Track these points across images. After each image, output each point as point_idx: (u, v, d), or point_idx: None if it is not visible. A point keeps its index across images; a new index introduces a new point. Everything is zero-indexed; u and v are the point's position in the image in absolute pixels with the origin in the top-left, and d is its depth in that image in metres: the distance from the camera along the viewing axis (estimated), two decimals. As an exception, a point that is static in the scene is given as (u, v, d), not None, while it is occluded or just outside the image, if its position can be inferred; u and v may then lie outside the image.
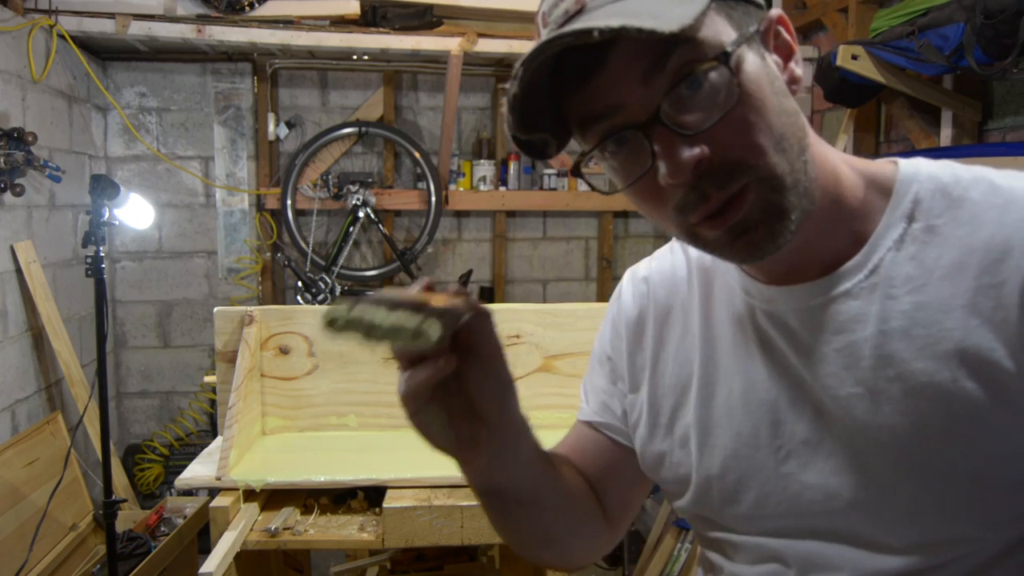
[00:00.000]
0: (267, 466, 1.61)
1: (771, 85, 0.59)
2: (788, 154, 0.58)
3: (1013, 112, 2.31)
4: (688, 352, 0.75)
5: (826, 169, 0.63)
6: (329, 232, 3.76)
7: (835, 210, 0.64)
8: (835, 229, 0.65)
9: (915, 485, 0.61)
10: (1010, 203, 0.60)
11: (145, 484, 3.45)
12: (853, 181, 0.65)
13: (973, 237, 0.60)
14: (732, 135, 0.57)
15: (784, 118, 0.59)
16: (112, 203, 2.23)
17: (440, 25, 3.32)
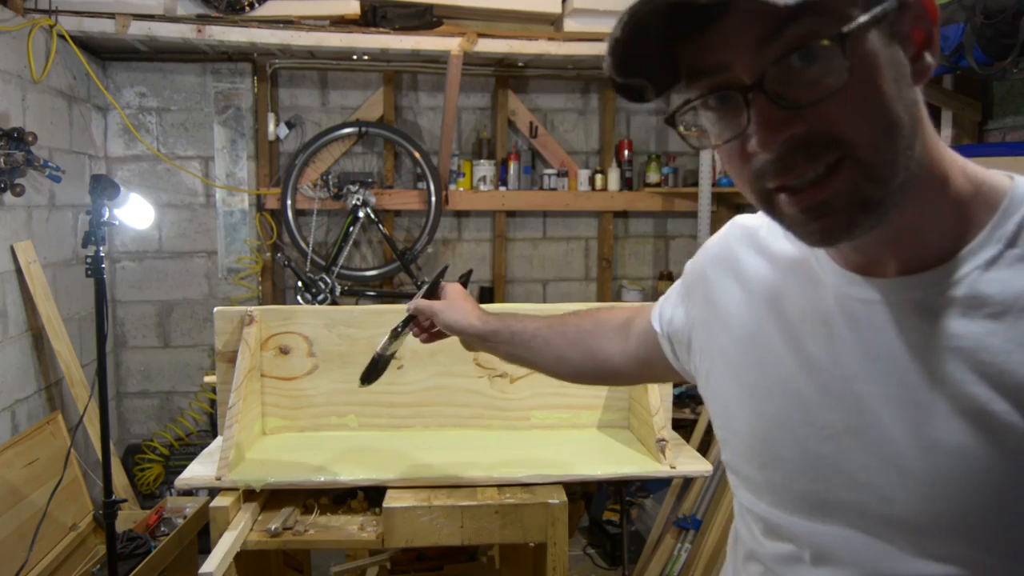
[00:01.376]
0: (267, 466, 1.61)
1: (892, 70, 0.56)
2: (894, 144, 0.56)
3: (1013, 112, 2.32)
4: (758, 310, 0.76)
5: (935, 169, 0.61)
6: (329, 232, 3.76)
7: (933, 212, 0.61)
8: (929, 232, 0.62)
9: (947, 503, 0.61)
10: None
11: (145, 484, 3.45)
12: (962, 188, 0.62)
13: None
14: (835, 115, 0.55)
15: (899, 107, 0.56)
16: (112, 203, 2.23)
17: (440, 25, 3.32)
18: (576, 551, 3.39)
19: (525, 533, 1.52)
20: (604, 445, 1.80)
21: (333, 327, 1.83)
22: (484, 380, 1.86)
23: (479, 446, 1.76)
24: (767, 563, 0.75)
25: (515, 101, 3.84)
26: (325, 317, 1.83)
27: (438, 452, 1.72)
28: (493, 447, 1.75)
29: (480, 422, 1.87)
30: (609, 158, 3.94)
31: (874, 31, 0.55)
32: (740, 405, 0.77)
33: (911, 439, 0.62)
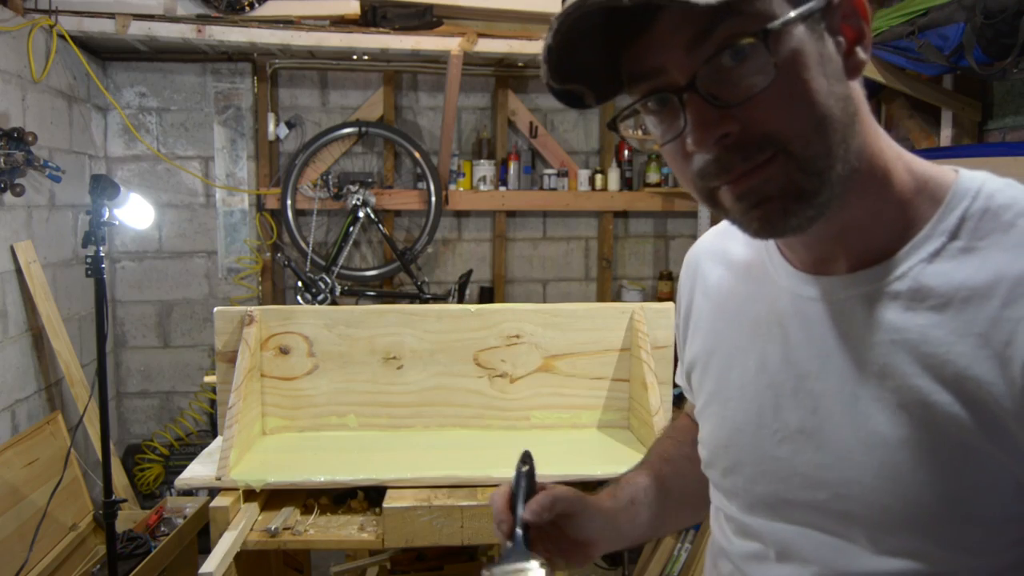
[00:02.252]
0: (267, 466, 1.61)
1: (821, 66, 0.57)
2: (826, 138, 0.57)
3: (1013, 112, 2.31)
4: (720, 320, 0.78)
5: (876, 165, 0.62)
6: (329, 232, 3.76)
7: (877, 208, 0.63)
8: (874, 227, 0.63)
9: (894, 497, 0.62)
10: None
11: (145, 484, 3.45)
12: (904, 182, 0.63)
13: (1010, 267, 0.58)
14: (767, 112, 0.56)
15: (831, 101, 0.57)
16: (112, 203, 2.23)
17: (440, 25, 3.32)
18: (576, 551, 3.39)
19: (525, 533, 1.52)
20: (604, 445, 1.79)
21: (333, 327, 1.83)
22: (484, 380, 1.86)
23: (479, 446, 1.76)
24: (736, 561, 0.76)
25: (515, 101, 3.84)
26: (325, 317, 1.83)
27: (438, 452, 1.72)
28: (493, 447, 1.75)
29: (480, 422, 1.86)
30: (609, 158, 3.94)
31: (801, 28, 0.56)
32: (705, 414, 0.78)
33: (860, 434, 0.63)
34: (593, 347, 1.87)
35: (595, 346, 1.87)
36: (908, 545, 0.62)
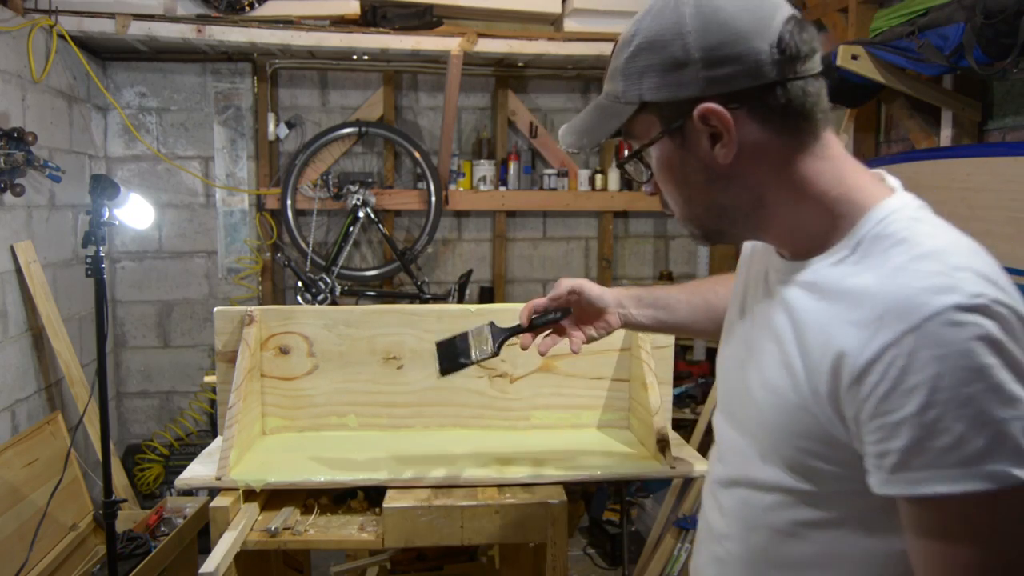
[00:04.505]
0: (267, 466, 1.61)
1: (686, 165, 0.84)
2: (688, 211, 0.89)
3: (1013, 112, 2.31)
4: (741, 274, 1.04)
5: (807, 196, 0.83)
6: (329, 232, 3.76)
7: (802, 225, 0.84)
8: (800, 237, 0.85)
9: (767, 429, 0.86)
10: (891, 280, 0.74)
11: (145, 484, 3.45)
12: (833, 207, 0.82)
13: (868, 285, 0.76)
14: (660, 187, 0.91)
15: (683, 189, 0.86)
16: (112, 203, 2.23)
17: (440, 25, 3.32)
18: (576, 551, 3.39)
19: (525, 533, 1.52)
20: (604, 445, 1.79)
21: (333, 327, 1.83)
22: (484, 380, 1.86)
23: (479, 446, 1.76)
24: (708, 475, 1.04)
25: (515, 101, 3.84)
26: (325, 317, 1.83)
27: (438, 452, 1.72)
28: (493, 447, 1.75)
29: (480, 422, 1.86)
30: (609, 158, 3.94)
31: (665, 141, 0.84)
32: (721, 342, 1.05)
33: (760, 376, 0.87)
34: (593, 347, 1.87)
35: (595, 346, 1.87)
36: (777, 466, 0.85)
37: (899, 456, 0.71)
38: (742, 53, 0.77)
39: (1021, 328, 0.71)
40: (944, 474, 0.69)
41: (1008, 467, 0.68)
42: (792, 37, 0.78)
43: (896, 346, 0.70)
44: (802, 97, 0.79)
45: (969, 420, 0.68)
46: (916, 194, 0.85)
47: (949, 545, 0.72)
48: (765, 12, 0.78)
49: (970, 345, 0.68)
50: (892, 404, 0.71)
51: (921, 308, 0.70)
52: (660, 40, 0.80)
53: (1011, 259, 1.96)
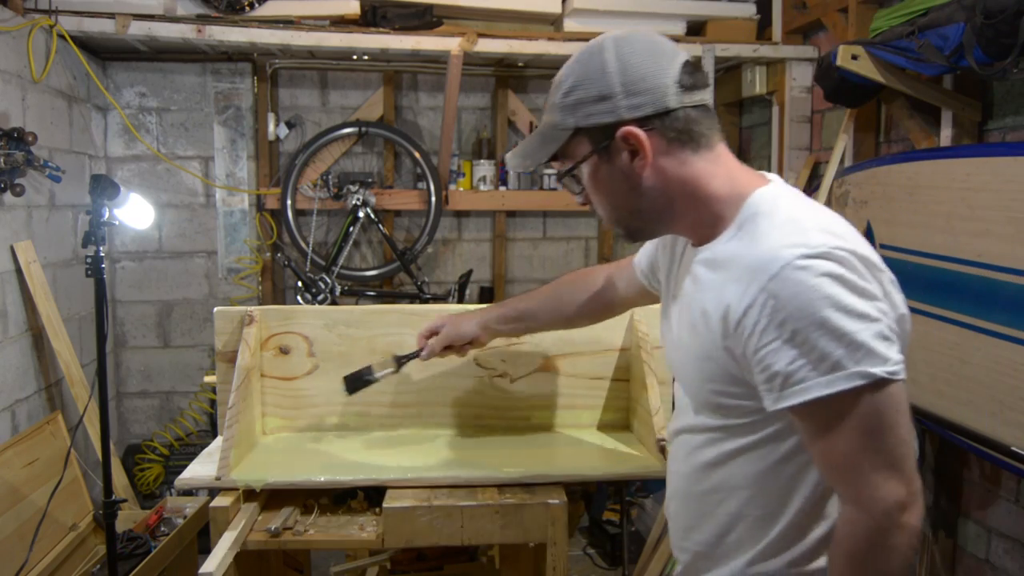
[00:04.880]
0: (267, 466, 1.61)
1: (612, 178, 1.06)
2: (616, 215, 1.11)
3: (1013, 112, 2.31)
4: (668, 260, 1.24)
5: (701, 197, 1.06)
6: (329, 232, 3.76)
7: (703, 218, 1.07)
8: (700, 228, 1.08)
9: (690, 378, 1.11)
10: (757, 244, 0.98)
11: (145, 484, 3.45)
12: (724, 202, 1.05)
13: (743, 250, 0.99)
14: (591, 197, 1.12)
15: (610, 197, 1.08)
16: (112, 203, 2.23)
17: (440, 25, 3.32)
18: (576, 551, 3.39)
19: (525, 533, 1.52)
20: (604, 445, 1.80)
21: (333, 327, 1.83)
22: (484, 380, 1.86)
23: (479, 446, 1.76)
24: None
25: (515, 101, 3.83)
26: (325, 317, 1.83)
27: (438, 452, 1.72)
28: (493, 447, 1.75)
29: (480, 422, 1.87)
30: (609, 158, 3.93)
31: (595, 159, 1.05)
32: (661, 321, 1.26)
33: (683, 336, 1.11)
34: (593, 347, 1.87)
35: (595, 346, 1.88)
36: (702, 410, 1.10)
37: (782, 376, 0.93)
38: (652, 87, 1.00)
39: (862, 265, 0.94)
40: (818, 381, 0.91)
41: (866, 367, 0.90)
42: (688, 76, 1.02)
43: (764, 291, 0.93)
44: (697, 120, 1.04)
45: (828, 336, 0.90)
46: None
47: (835, 437, 0.93)
48: (667, 57, 1.02)
49: (817, 281, 0.90)
50: (768, 336, 0.93)
51: (777, 260, 0.93)
52: (588, 79, 1.02)
53: (1011, 259, 1.96)
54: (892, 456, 0.92)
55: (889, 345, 0.91)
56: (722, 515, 1.10)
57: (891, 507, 0.92)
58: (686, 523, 1.16)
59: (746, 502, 1.07)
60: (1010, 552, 2.32)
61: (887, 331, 0.92)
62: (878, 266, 0.96)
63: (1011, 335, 1.96)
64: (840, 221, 1.01)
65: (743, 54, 3.43)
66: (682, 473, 1.16)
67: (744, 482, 1.06)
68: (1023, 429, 1.94)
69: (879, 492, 0.92)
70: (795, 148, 3.42)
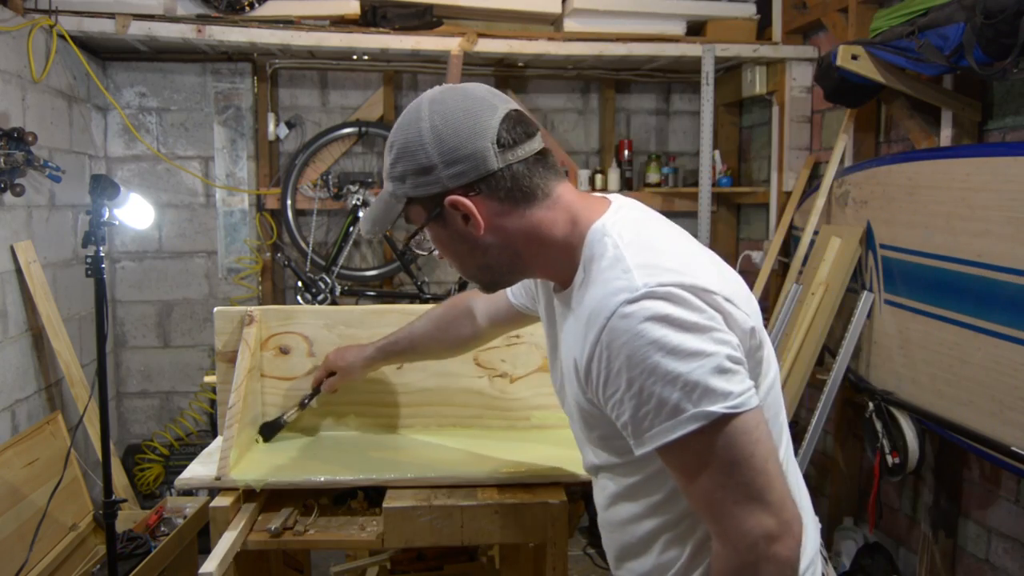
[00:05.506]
0: (267, 466, 1.61)
1: (450, 240, 1.06)
2: (464, 270, 1.11)
3: (1013, 112, 2.31)
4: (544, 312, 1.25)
5: (550, 244, 1.05)
6: (329, 232, 3.76)
7: (554, 265, 1.07)
8: (557, 274, 1.09)
9: (574, 422, 1.15)
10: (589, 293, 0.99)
11: (145, 484, 3.45)
12: (571, 244, 1.05)
13: (589, 298, 0.98)
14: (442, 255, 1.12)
15: (456, 257, 1.09)
16: (112, 203, 2.23)
17: (440, 25, 3.32)
18: (576, 551, 3.39)
19: (525, 533, 1.52)
20: (604, 445, 1.79)
21: (333, 327, 1.83)
22: (484, 380, 1.86)
23: (479, 446, 1.76)
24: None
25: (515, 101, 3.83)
26: (325, 317, 1.83)
27: (438, 452, 1.72)
28: (493, 447, 1.75)
29: (480, 422, 1.86)
30: (609, 158, 3.94)
31: (432, 224, 1.05)
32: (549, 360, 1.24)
33: (562, 382, 1.13)
34: (593, 347, 1.87)
35: (595, 346, 1.87)
36: (598, 450, 1.10)
37: (631, 425, 0.94)
38: (470, 153, 0.99)
39: (689, 294, 0.91)
40: (662, 428, 0.91)
41: (705, 407, 0.89)
42: (508, 132, 1.01)
43: (599, 343, 0.93)
44: (526, 173, 1.02)
45: (661, 382, 0.89)
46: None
47: (692, 476, 0.93)
48: (484, 116, 1.00)
49: (641, 327, 0.90)
50: (611, 388, 0.94)
51: (604, 311, 0.93)
52: (408, 150, 1.01)
53: (1011, 259, 1.96)
54: (752, 488, 0.90)
55: (729, 378, 0.90)
56: (639, 543, 1.10)
57: (757, 540, 0.90)
58: (614, 553, 1.17)
59: (656, 529, 1.07)
60: (1010, 552, 2.32)
61: (725, 363, 0.90)
62: (708, 289, 0.93)
63: (1011, 335, 1.96)
64: (663, 241, 1.00)
65: (743, 54, 3.43)
66: (600, 505, 1.18)
67: (650, 511, 1.06)
68: (1023, 429, 1.94)
69: (743, 526, 0.90)
70: (795, 148, 3.42)
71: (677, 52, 3.41)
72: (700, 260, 1.00)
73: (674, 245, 1.01)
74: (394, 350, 1.65)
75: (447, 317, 1.59)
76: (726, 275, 1.02)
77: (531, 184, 1.03)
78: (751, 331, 0.97)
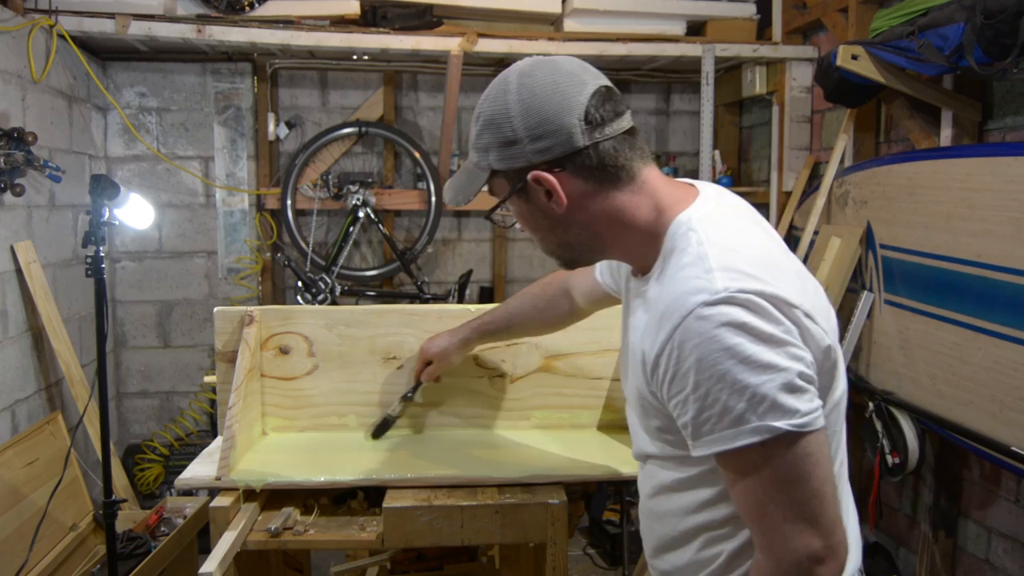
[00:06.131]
0: (267, 466, 1.61)
1: (533, 215, 1.06)
2: (545, 246, 1.11)
3: (1013, 112, 2.31)
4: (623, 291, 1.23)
5: (630, 228, 1.04)
6: (329, 232, 3.76)
7: (633, 251, 1.07)
8: (635, 259, 1.09)
9: (632, 410, 1.14)
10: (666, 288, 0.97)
11: (145, 484, 3.45)
12: (652, 232, 1.04)
13: (660, 293, 0.98)
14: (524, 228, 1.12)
15: (537, 232, 1.09)
16: (112, 203, 2.23)
17: (440, 25, 3.32)
18: (576, 551, 3.39)
19: (525, 533, 1.52)
20: (604, 445, 1.80)
21: (333, 327, 1.83)
22: (484, 380, 1.86)
23: (479, 446, 1.76)
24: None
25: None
26: (325, 317, 1.83)
27: (438, 452, 1.72)
28: (493, 447, 1.75)
29: (480, 422, 1.87)
30: (609, 158, 3.93)
31: (514, 198, 1.05)
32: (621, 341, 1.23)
33: (627, 367, 1.11)
34: (593, 347, 1.87)
35: (595, 346, 1.87)
36: (653, 440, 1.09)
37: (692, 426, 0.93)
38: (556, 129, 0.98)
39: (770, 305, 0.90)
40: (723, 435, 0.90)
41: (769, 421, 0.87)
42: (596, 109, 0.98)
43: (671, 341, 0.92)
44: (612, 153, 1.00)
45: (728, 390, 0.88)
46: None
47: (746, 486, 0.92)
48: (573, 92, 0.98)
49: (717, 332, 0.88)
50: (676, 387, 0.93)
51: (680, 309, 0.92)
52: (495, 122, 1.01)
53: (1011, 259, 1.96)
54: (805, 508, 0.90)
55: (799, 396, 0.88)
56: (680, 537, 1.10)
57: (801, 559, 0.89)
58: (653, 543, 1.17)
59: (699, 527, 1.06)
60: (1010, 552, 2.32)
61: (797, 380, 0.88)
62: (790, 302, 0.91)
63: (1011, 335, 1.96)
64: (750, 244, 0.98)
65: (743, 54, 3.43)
66: (644, 492, 1.18)
67: (696, 508, 1.06)
68: (1023, 429, 1.94)
69: (790, 544, 0.89)
70: (795, 148, 3.42)
71: (677, 52, 3.41)
72: (785, 269, 0.97)
73: (761, 250, 0.98)
74: (489, 330, 1.65)
75: (545, 296, 1.59)
76: (808, 287, 1.00)
77: (617, 164, 1.01)
78: (827, 350, 0.96)
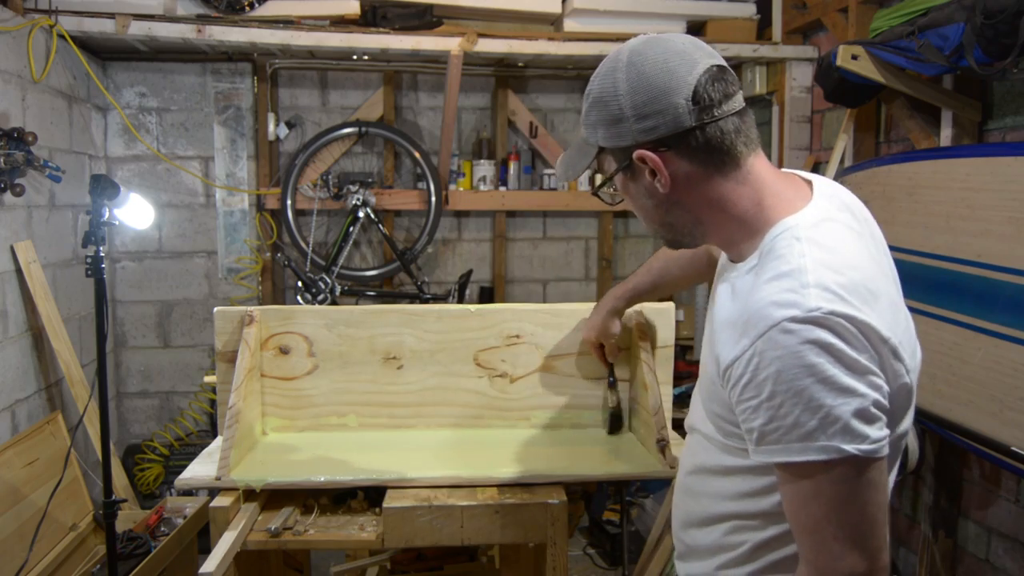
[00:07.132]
0: (267, 466, 1.61)
1: (638, 193, 1.06)
2: (648, 225, 1.12)
3: (1013, 112, 2.31)
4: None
5: (733, 216, 1.03)
6: (329, 232, 3.76)
7: (732, 238, 1.06)
8: (731, 246, 1.08)
9: (702, 397, 1.13)
10: (757, 292, 0.96)
11: (145, 484, 3.44)
12: (753, 224, 1.03)
13: (747, 294, 0.98)
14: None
15: (641, 211, 1.10)
16: (112, 203, 2.23)
17: (440, 25, 3.32)
18: (576, 551, 3.39)
19: (525, 533, 1.52)
20: (604, 445, 1.80)
21: (333, 327, 1.83)
22: (484, 380, 1.86)
23: (479, 446, 1.76)
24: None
25: (515, 101, 3.83)
26: (325, 317, 1.83)
27: (438, 452, 1.72)
28: (493, 447, 1.75)
29: (480, 422, 1.87)
30: (609, 158, 3.93)
31: (620, 176, 1.06)
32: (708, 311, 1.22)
33: (706, 345, 1.10)
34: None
35: (595, 346, 1.87)
36: (709, 420, 1.10)
37: (758, 433, 0.94)
38: (663, 108, 0.97)
39: (859, 333, 0.90)
40: (789, 447, 0.91)
41: (837, 443, 0.88)
42: (705, 89, 0.97)
43: (751, 348, 0.92)
44: (720, 136, 0.99)
45: (803, 406, 0.89)
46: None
47: (802, 499, 0.94)
48: (682, 71, 0.97)
49: (801, 348, 0.88)
50: (749, 392, 0.93)
51: (767, 319, 0.91)
52: (603, 100, 1.01)
53: (1011, 259, 1.96)
54: (856, 530, 0.91)
55: (870, 423, 0.89)
56: (709, 518, 1.12)
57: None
58: (681, 517, 1.20)
59: (730, 514, 1.09)
60: (1010, 552, 2.32)
61: (871, 409, 0.89)
62: (881, 335, 0.91)
63: (1011, 335, 1.96)
64: (855, 273, 0.94)
65: (743, 54, 3.42)
66: (686, 469, 1.19)
67: (733, 497, 1.08)
68: (1023, 429, 1.94)
69: (837, 563, 0.91)
70: (795, 148, 3.42)
71: (677, 52, 3.41)
72: (881, 298, 0.95)
73: (863, 275, 0.95)
74: (636, 294, 1.70)
75: (686, 253, 1.56)
76: (900, 319, 0.99)
77: (723, 147, 1.00)
78: (905, 387, 0.97)
